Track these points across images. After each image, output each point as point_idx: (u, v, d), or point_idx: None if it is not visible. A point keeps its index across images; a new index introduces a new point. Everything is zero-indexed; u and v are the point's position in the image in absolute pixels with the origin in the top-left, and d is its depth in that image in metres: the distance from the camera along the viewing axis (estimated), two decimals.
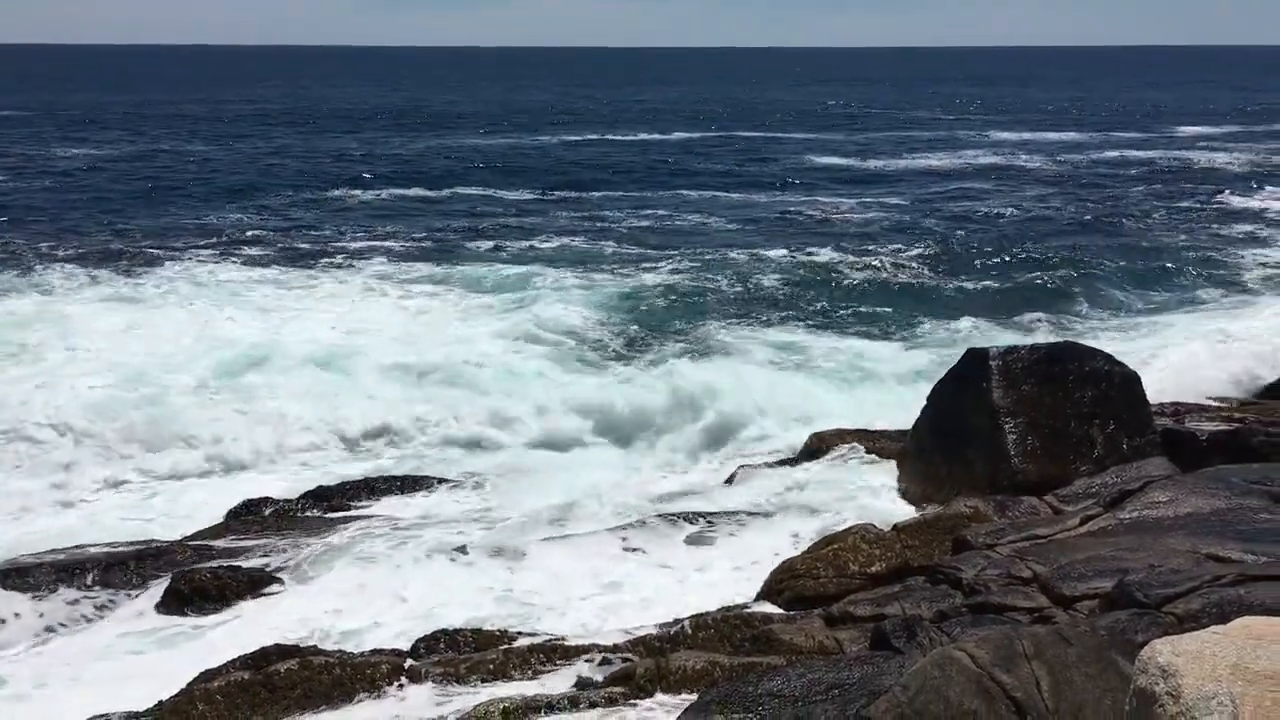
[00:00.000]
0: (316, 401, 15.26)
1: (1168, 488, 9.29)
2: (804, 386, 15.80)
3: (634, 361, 17.86)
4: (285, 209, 32.38)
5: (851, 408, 14.90)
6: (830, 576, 8.96)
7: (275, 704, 7.37)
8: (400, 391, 15.91)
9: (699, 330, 19.47)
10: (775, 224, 31.01)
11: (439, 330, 19.10)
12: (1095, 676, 5.07)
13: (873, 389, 15.67)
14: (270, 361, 16.70)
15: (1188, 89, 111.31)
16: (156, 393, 15.29)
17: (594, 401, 15.32)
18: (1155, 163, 44.94)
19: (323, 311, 20.26)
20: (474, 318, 19.97)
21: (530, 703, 6.85)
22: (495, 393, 15.89)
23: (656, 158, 47.76)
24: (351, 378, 16.22)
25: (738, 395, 14.98)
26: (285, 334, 18.36)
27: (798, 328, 19.61)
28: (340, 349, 17.40)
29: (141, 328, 18.83)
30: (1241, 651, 3.22)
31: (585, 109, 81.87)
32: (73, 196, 33.34)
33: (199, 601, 9.64)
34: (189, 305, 20.33)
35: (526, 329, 19.10)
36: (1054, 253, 26.03)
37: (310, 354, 17.04)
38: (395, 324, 19.36)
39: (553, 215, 32.07)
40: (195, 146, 50.30)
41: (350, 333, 18.53)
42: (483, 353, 17.71)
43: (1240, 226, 30.09)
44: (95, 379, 15.82)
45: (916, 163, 46.58)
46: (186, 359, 16.85)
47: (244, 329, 18.75)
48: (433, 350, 17.60)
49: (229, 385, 15.87)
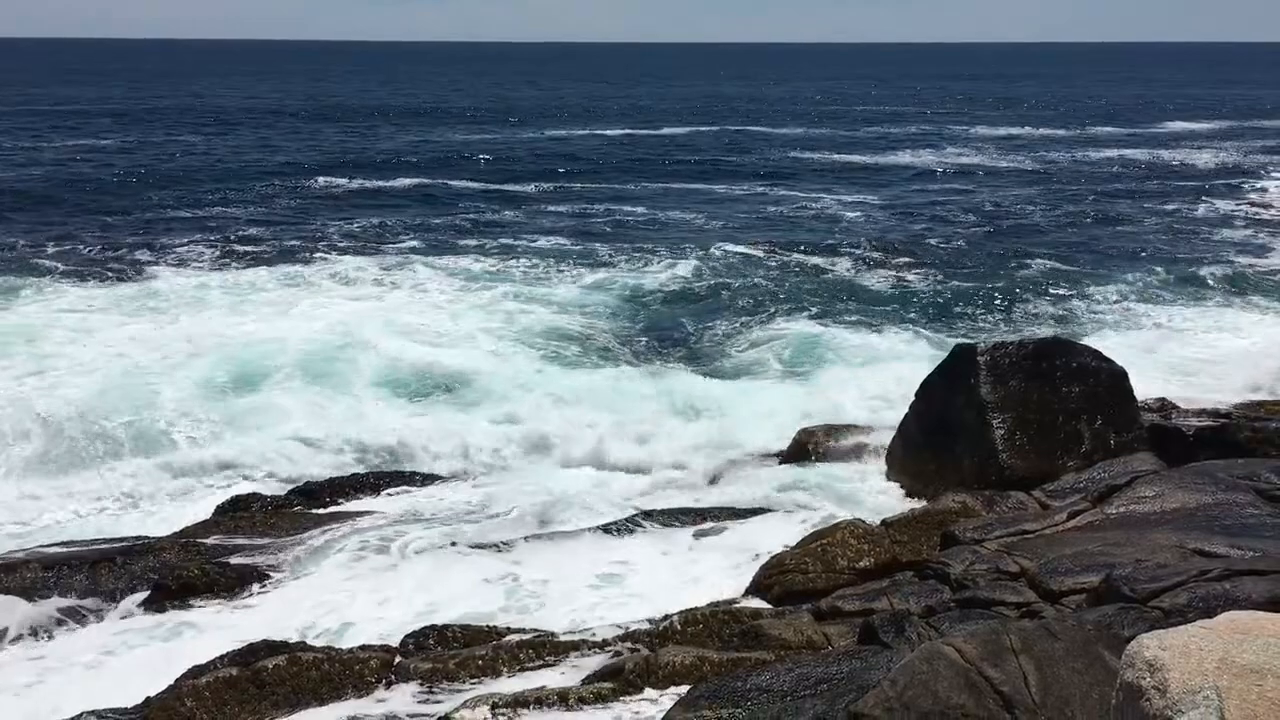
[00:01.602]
0: (305, 397, 15.22)
1: (1154, 483, 9.33)
2: (790, 384, 15.81)
3: (624, 359, 17.84)
4: (273, 204, 32.28)
5: (839, 403, 14.91)
6: (819, 572, 8.98)
7: (264, 700, 7.36)
8: (391, 389, 15.88)
9: (688, 327, 19.48)
10: (762, 219, 31.04)
11: (433, 326, 19.01)
12: (1082, 671, 5.09)
13: (860, 384, 15.67)
14: (263, 359, 16.61)
15: (1173, 86, 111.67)
16: (146, 390, 15.22)
17: (585, 397, 15.32)
18: (1139, 160, 45.03)
19: (314, 309, 20.16)
20: (465, 314, 19.88)
21: (519, 698, 6.85)
22: (486, 389, 15.86)
23: (645, 153, 47.75)
24: (343, 377, 16.16)
25: (726, 393, 14.99)
26: (276, 331, 18.27)
27: (784, 323, 19.59)
28: (331, 346, 17.32)
29: (132, 325, 18.73)
30: (1227, 646, 3.23)
31: (574, 104, 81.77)
32: (63, 192, 33.10)
33: (187, 598, 9.62)
34: (180, 303, 20.24)
35: (518, 324, 19.08)
36: (1041, 248, 26.15)
37: (303, 351, 16.97)
38: (387, 320, 19.24)
39: (544, 210, 32.05)
40: (184, 139, 50.08)
41: (342, 331, 18.40)
42: (474, 349, 17.67)
43: (1224, 221, 30.24)
44: (85, 377, 15.74)
45: (901, 159, 46.68)
46: (180, 358, 16.77)
47: (234, 327, 18.64)
48: (427, 347, 17.55)
49: (219, 384, 15.81)
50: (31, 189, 33.24)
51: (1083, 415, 11.19)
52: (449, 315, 19.85)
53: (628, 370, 17.00)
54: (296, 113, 69.41)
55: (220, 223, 28.92)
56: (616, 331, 19.38)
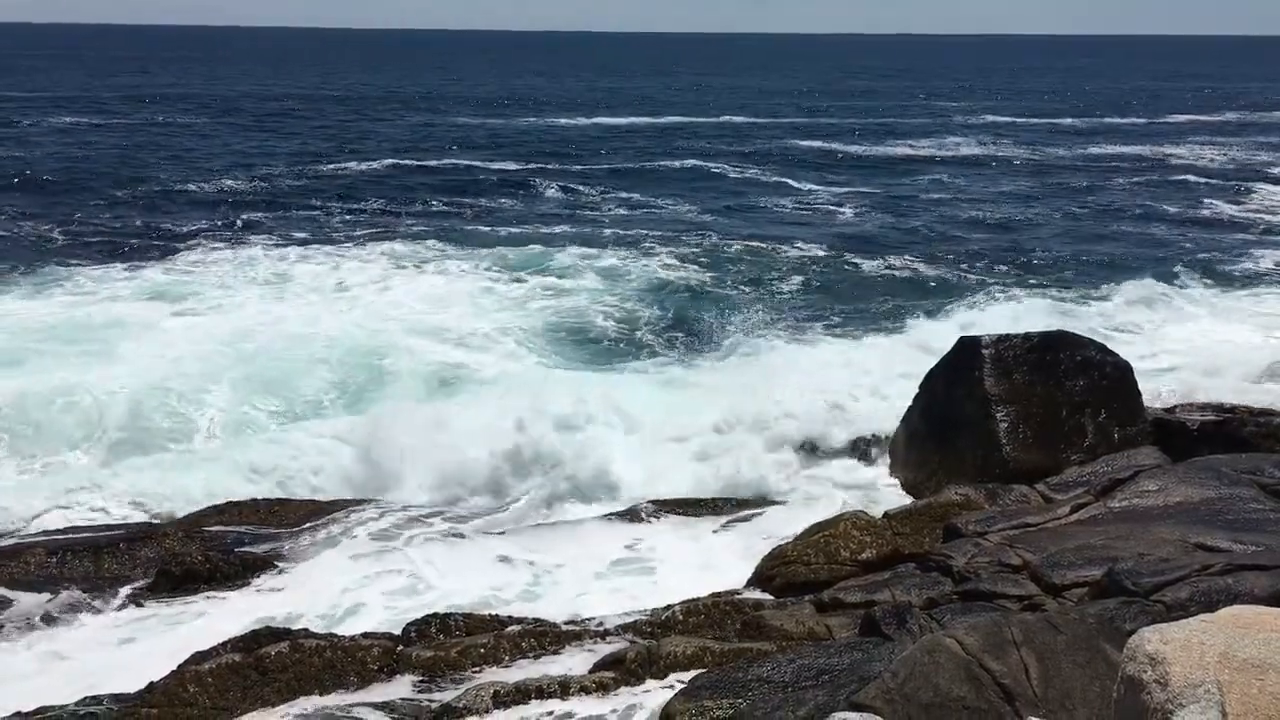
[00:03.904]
0: (331, 398, 14.97)
1: (1158, 477, 9.32)
2: (794, 375, 15.74)
3: (633, 350, 17.78)
4: (287, 192, 32.16)
5: (840, 395, 14.84)
6: (821, 563, 8.99)
7: (266, 686, 7.38)
8: (397, 377, 15.74)
9: (702, 321, 19.34)
10: (758, 211, 30.99)
11: (450, 319, 18.72)
12: (1084, 664, 5.09)
13: (861, 375, 15.62)
14: (296, 357, 16.34)
15: (1171, 80, 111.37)
16: (181, 385, 14.96)
17: (589, 390, 15.26)
18: (1138, 156, 44.82)
19: (327, 300, 19.87)
20: (482, 309, 19.60)
21: (521, 687, 6.86)
22: (496, 381, 15.76)
23: (643, 142, 47.75)
24: (346, 366, 16.02)
25: (731, 386, 14.94)
26: (310, 325, 17.96)
27: (789, 317, 19.50)
28: (361, 344, 17.00)
29: (161, 318, 18.41)
30: (1229, 640, 3.24)
31: (576, 92, 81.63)
32: (82, 179, 32.92)
33: (190, 584, 9.65)
34: (207, 296, 19.98)
35: (532, 317, 18.99)
36: (1043, 242, 26.12)
37: (335, 348, 16.71)
38: (393, 312, 19.04)
39: (556, 201, 32.03)
40: (192, 122, 50.07)
41: (369, 328, 18.00)
42: (485, 340, 17.58)
43: (1226, 218, 30.19)
44: (121, 368, 15.48)
45: (897, 149, 46.64)
46: (189, 347, 16.57)
47: (270, 326, 18.18)
48: (444, 339, 17.37)
49: (230, 373, 15.63)
50: (41, 175, 33.14)
51: (1087, 409, 11.19)
52: (470, 308, 19.49)
53: (636, 362, 16.96)
54: (301, 98, 69.36)
55: (236, 212, 28.50)
56: (626, 323, 19.28)
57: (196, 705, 7.19)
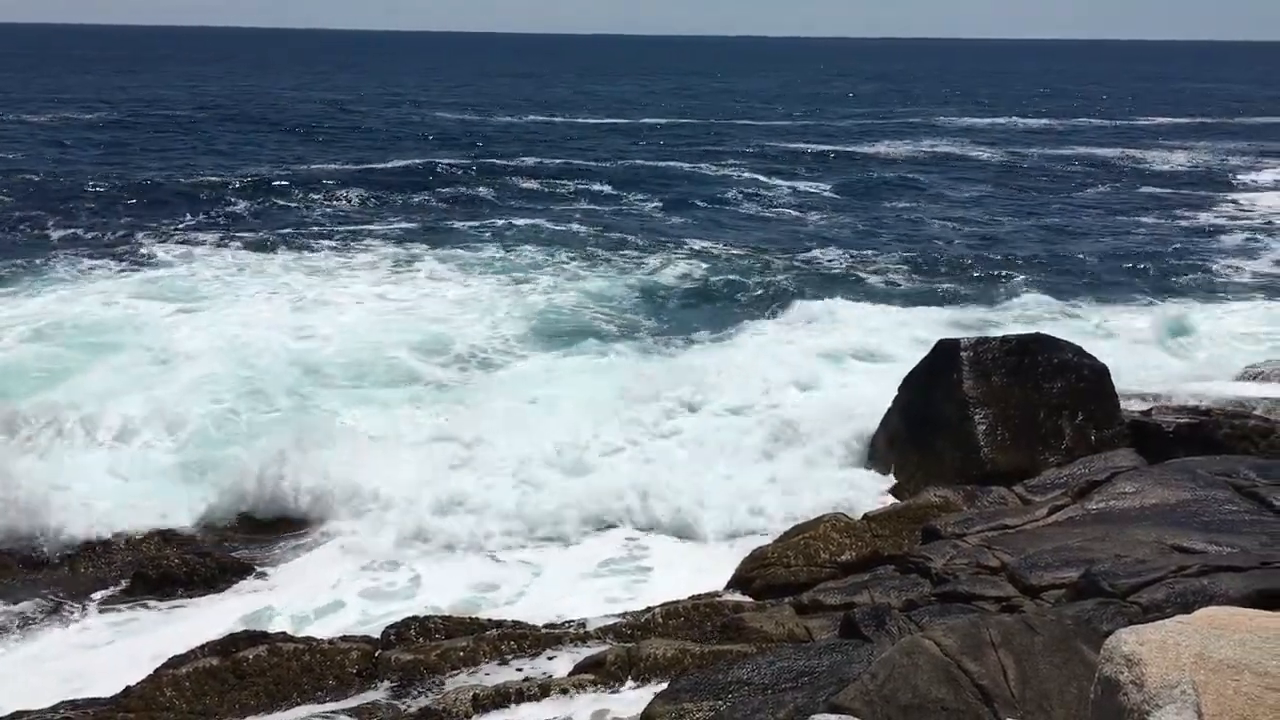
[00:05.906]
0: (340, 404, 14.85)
1: (1134, 479, 9.38)
2: (772, 377, 15.74)
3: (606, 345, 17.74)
4: (271, 191, 31.95)
5: (821, 396, 14.86)
6: (801, 565, 9.01)
7: (243, 690, 7.34)
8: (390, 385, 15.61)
9: (695, 322, 19.35)
10: (739, 211, 31.05)
11: (445, 324, 18.56)
12: (1061, 665, 5.12)
13: (844, 375, 15.66)
14: (302, 360, 16.11)
15: (1159, 81, 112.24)
16: (141, 381, 14.85)
17: (570, 392, 15.22)
18: (1111, 160, 45.06)
19: (333, 301, 19.76)
20: (468, 310, 19.52)
21: (501, 690, 6.86)
22: (487, 384, 15.68)
23: (626, 144, 47.78)
24: (372, 378, 15.85)
25: (707, 388, 14.92)
26: (313, 326, 17.75)
27: (766, 320, 19.47)
28: (360, 347, 16.85)
29: (169, 316, 18.28)
30: (1204, 641, 3.27)
31: (562, 95, 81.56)
32: (78, 182, 32.53)
33: (167, 588, 9.59)
34: (206, 295, 19.80)
35: (519, 319, 18.92)
36: (1022, 245, 26.24)
37: (337, 351, 16.58)
38: (379, 318, 18.89)
39: (546, 201, 31.99)
40: (184, 128, 49.66)
41: (361, 331, 17.82)
42: (480, 342, 17.50)
43: (1203, 221, 30.42)
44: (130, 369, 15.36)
45: (879, 148, 46.87)
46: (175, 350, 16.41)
47: (280, 328, 18.00)
48: (441, 344, 17.26)
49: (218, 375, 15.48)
50: (38, 177, 32.71)
51: (1064, 411, 11.26)
52: (464, 311, 19.38)
53: (611, 359, 16.91)
54: (283, 99, 68.98)
55: (228, 214, 28.24)
56: (621, 321, 19.31)
57: (174, 709, 7.15)
